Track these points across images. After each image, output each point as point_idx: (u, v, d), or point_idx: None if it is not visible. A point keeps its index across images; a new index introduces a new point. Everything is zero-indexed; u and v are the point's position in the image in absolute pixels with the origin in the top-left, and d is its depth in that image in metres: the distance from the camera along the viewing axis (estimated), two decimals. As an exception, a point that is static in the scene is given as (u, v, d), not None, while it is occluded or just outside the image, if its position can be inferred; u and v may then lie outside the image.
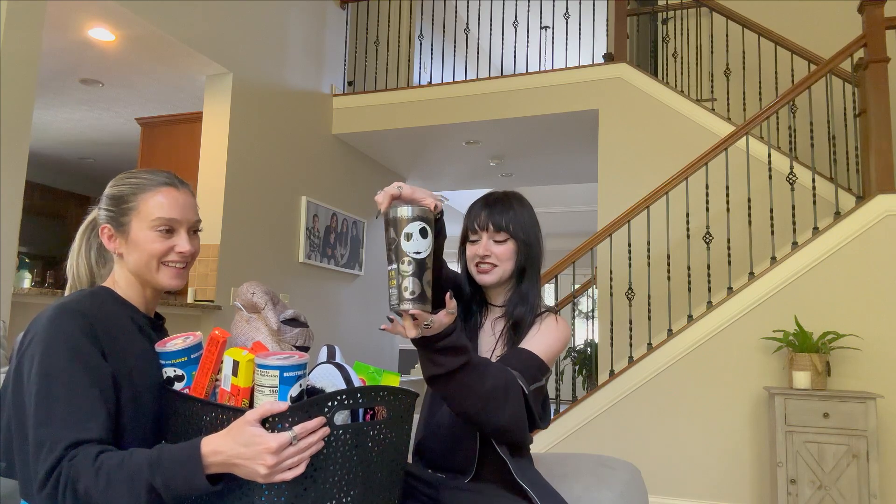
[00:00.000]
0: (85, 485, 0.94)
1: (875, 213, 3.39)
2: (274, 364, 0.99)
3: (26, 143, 2.74)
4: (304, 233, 4.86)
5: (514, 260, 1.46)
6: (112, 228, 1.19)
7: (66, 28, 3.62)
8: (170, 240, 1.18)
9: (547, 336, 1.43)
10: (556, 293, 3.99)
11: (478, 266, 1.48)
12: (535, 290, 1.47)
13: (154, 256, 1.17)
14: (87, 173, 7.29)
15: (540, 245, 1.49)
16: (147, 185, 1.19)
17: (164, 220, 1.17)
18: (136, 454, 0.97)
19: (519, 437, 1.34)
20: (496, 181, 6.92)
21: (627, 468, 1.81)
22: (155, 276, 1.18)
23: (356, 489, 1.02)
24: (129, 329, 1.15)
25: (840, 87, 4.51)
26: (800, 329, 3.24)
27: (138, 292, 1.21)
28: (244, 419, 0.96)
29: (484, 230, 1.46)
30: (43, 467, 0.96)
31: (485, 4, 7.08)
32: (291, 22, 4.77)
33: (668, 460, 3.54)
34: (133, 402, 1.09)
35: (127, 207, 1.18)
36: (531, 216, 1.50)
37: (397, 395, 1.09)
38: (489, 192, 1.53)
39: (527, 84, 4.81)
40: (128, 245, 1.18)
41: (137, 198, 1.17)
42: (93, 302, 1.12)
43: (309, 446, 0.96)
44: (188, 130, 4.43)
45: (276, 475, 0.94)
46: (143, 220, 1.17)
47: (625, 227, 4.30)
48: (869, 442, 3.01)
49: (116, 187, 1.20)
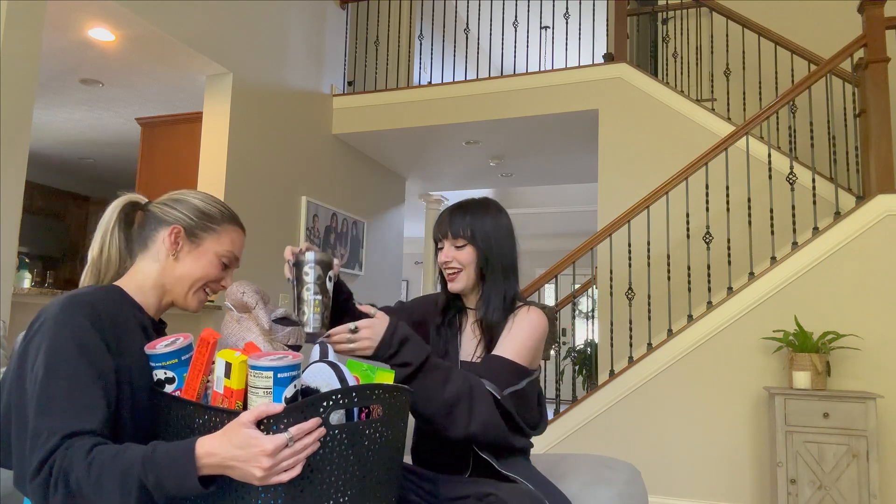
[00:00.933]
0: (77, 476, 0.94)
1: (875, 213, 3.39)
2: (268, 365, 0.98)
3: (26, 143, 2.74)
4: (304, 233, 4.86)
5: (475, 264, 1.50)
6: (183, 232, 1.23)
7: (66, 28, 3.62)
8: (223, 272, 1.27)
9: (517, 334, 1.45)
10: (556, 293, 4.00)
11: (446, 273, 1.54)
12: (498, 291, 1.50)
13: (204, 279, 1.24)
14: (87, 173, 7.29)
15: (504, 248, 1.52)
16: (232, 218, 1.29)
17: (233, 256, 1.28)
18: (131, 449, 0.96)
19: (500, 443, 1.37)
20: (496, 181, 6.92)
21: (627, 468, 1.81)
22: (190, 295, 1.24)
23: (353, 488, 1.02)
24: (134, 328, 1.15)
25: (840, 87, 4.51)
26: (800, 329, 3.24)
27: (157, 298, 1.23)
28: (239, 421, 0.95)
29: (445, 238, 1.52)
30: (37, 456, 0.96)
31: (485, 4, 7.08)
32: (291, 22, 4.77)
33: (669, 460, 3.54)
34: (131, 400, 1.09)
35: (211, 226, 1.25)
36: (495, 220, 1.53)
37: (392, 392, 1.08)
38: (458, 200, 1.58)
39: (527, 84, 4.80)
40: (189, 255, 1.23)
41: (222, 225, 1.27)
42: (102, 294, 1.13)
43: (305, 448, 0.96)
44: (188, 130, 4.43)
45: (271, 478, 0.94)
46: (217, 245, 1.25)
47: (625, 227, 4.30)
48: (869, 442, 3.01)
49: (202, 203, 1.27)
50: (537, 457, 1.87)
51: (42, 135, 5.85)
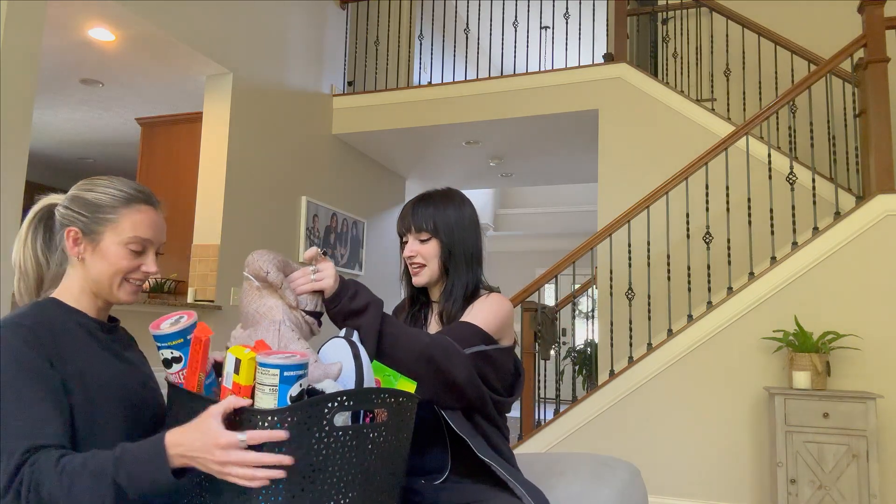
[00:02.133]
0: (49, 488, 0.93)
1: (875, 213, 3.39)
2: (274, 363, 0.99)
3: (26, 143, 2.74)
4: (304, 233, 4.86)
5: (440, 257, 1.49)
6: (80, 233, 1.15)
7: (66, 28, 3.62)
8: (138, 258, 1.17)
9: (477, 313, 1.44)
10: (556, 293, 4.00)
11: (410, 268, 1.52)
12: (461, 283, 1.49)
13: (120, 272, 1.15)
14: (87, 173, 7.29)
15: (467, 239, 1.50)
16: (129, 199, 1.16)
17: (141, 240, 1.16)
18: (99, 454, 0.96)
19: (479, 401, 1.36)
20: (496, 181, 6.92)
21: (627, 468, 1.81)
22: (115, 290, 1.16)
23: (354, 491, 1.02)
24: (77, 333, 1.13)
25: (840, 87, 4.51)
26: (800, 329, 3.24)
27: (90, 300, 1.18)
28: (208, 412, 0.95)
29: (409, 231, 1.51)
30: (3, 476, 0.95)
31: (485, 4, 7.08)
32: (291, 22, 4.78)
33: (668, 460, 3.54)
34: (88, 405, 1.08)
35: (103, 217, 1.15)
36: (458, 211, 1.51)
37: (398, 398, 1.08)
38: (421, 192, 1.56)
39: (527, 84, 4.81)
40: (94, 254, 1.15)
41: (117, 211, 1.15)
42: (35, 311, 1.11)
43: (257, 462, 0.93)
44: (188, 130, 4.44)
45: (227, 476, 0.93)
46: (118, 234, 1.15)
47: (625, 227, 4.30)
48: (869, 442, 3.01)
49: (94, 193, 1.16)
50: (537, 456, 1.86)
51: (42, 135, 5.85)
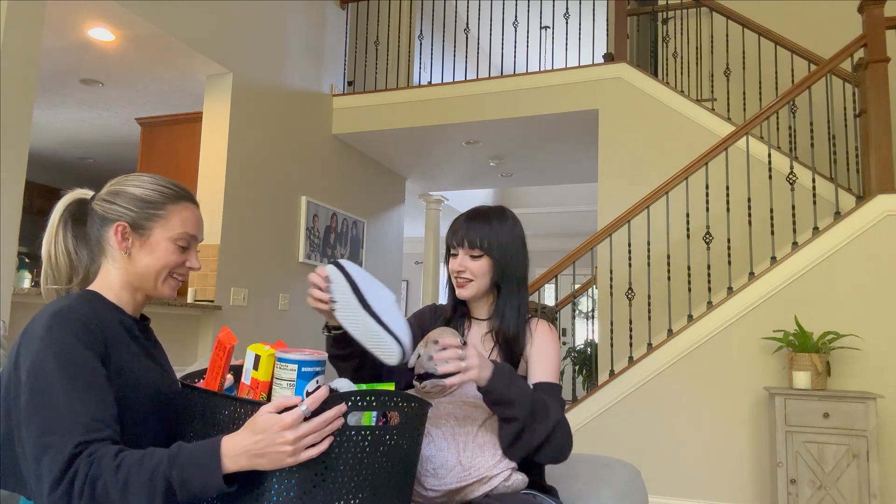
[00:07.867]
0: (104, 482, 0.94)
1: (875, 213, 3.39)
2: (294, 358, 1.02)
3: (26, 143, 2.74)
4: (304, 233, 4.86)
5: (490, 275, 1.50)
6: (129, 228, 1.17)
7: (66, 28, 3.62)
8: (184, 254, 1.21)
9: (549, 356, 1.48)
10: (556, 293, 4.00)
11: (456, 280, 1.53)
12: (513, 304, 1.50)
13: (167, 267, 1.18)
14: (87, 173, 7.29)
15: (519, 260, 1.52)
16: (177, 196, 1.20)
17: (188, 236, 1.20)
18: (156, 452, 0.97)
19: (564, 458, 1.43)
20: (496, 181, 6.92)
21: (627, 468, 1.81)
22: (159, 285, 1.19)
23: (364, 492, 1.03)
24: (120, 333, 1.14)
25: (840, 87, 4.51)
26: (800, 329, 3.24)
27: (130, 295, 1.20)
28: (259, 411, 0.98)
29: (461, 246, 1.50)
30: (53, 469, 0.95)
31: (485, 4, 7.08)
32: (291, 22, 4.77)
33: (668, 460, 3.54)
34: (122, 403, 1.08)
35: (154, 213, 1.18)
36: (511, 232, 1.52)
37: (411, 403, 1.10)
38: (474, 207, 1.57)
39: (527, 84, 4.81)
40: (142, 249, 1.17)
41: (166, 207, 1.18)
42: (81, 304, 1.11)
43: (326, 422, 0.97)
44: (188, 130, 4.43)
45: (300, 453, 0.96)
46: (168, 230, 1.18)
47: (625, 227, 4.30)
48: (869, 442, 3.01)
49: (142, 189, 1.18)
50: (537, 457, 1.86)
51: (42, 135, 5.86)
